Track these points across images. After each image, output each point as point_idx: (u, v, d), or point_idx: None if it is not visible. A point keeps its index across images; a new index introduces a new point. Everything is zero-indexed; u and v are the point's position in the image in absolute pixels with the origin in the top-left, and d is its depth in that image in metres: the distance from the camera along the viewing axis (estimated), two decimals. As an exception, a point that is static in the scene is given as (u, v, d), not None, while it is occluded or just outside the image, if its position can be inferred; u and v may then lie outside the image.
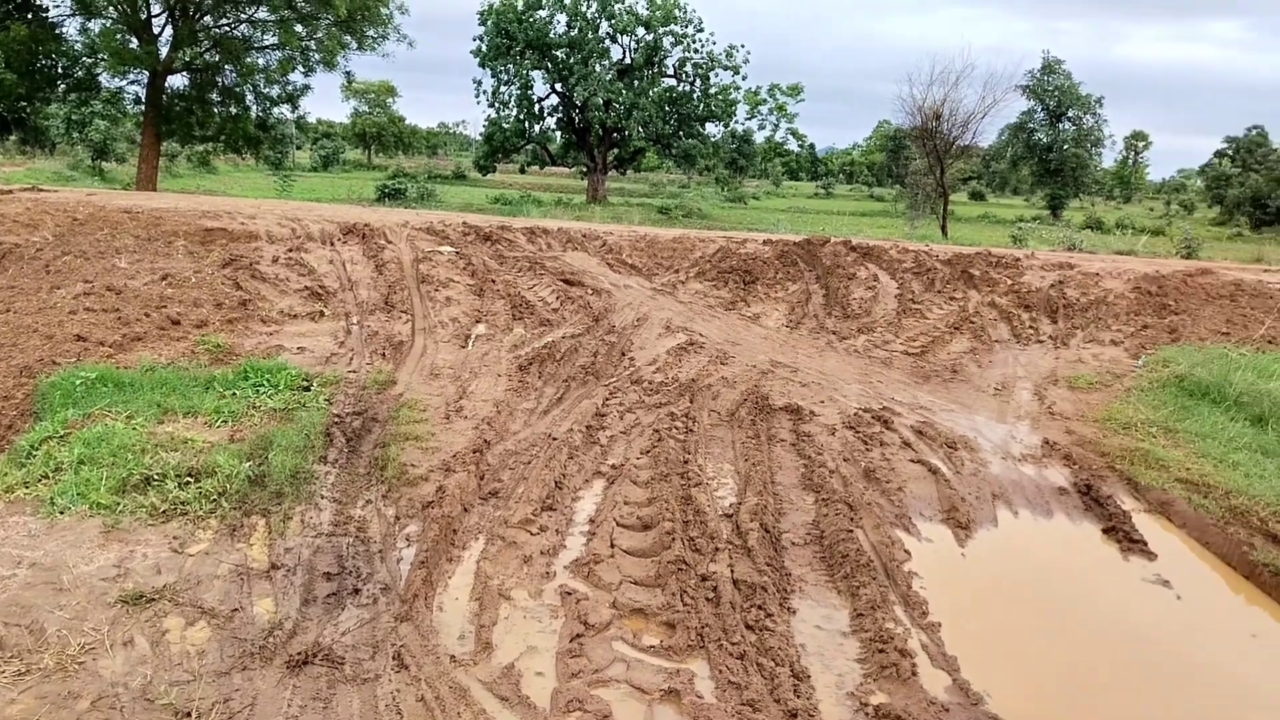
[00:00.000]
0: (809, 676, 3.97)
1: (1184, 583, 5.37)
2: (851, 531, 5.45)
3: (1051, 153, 51.44)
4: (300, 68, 30.32)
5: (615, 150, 46.21)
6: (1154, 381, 9.37)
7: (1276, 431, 8.01)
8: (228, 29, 30.05)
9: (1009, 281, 13.82)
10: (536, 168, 56.35)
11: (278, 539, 4.89)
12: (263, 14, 29.46)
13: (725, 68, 44.54)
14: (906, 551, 5.39)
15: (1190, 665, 4.55)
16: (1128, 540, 5.79)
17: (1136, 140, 78.71)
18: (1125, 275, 14.44)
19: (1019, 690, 4.09)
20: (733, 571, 4.84)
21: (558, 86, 44.41)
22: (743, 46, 44.35)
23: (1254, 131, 62.89)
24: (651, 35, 43.08)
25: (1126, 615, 5.02)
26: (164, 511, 5.05)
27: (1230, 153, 64.13)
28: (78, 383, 6.92)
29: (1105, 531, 5.95)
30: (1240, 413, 8.42)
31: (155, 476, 5.41)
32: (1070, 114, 52.25)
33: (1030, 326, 11.89)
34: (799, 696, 3.77)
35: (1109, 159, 64.76)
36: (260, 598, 4.30)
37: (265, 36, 30.22)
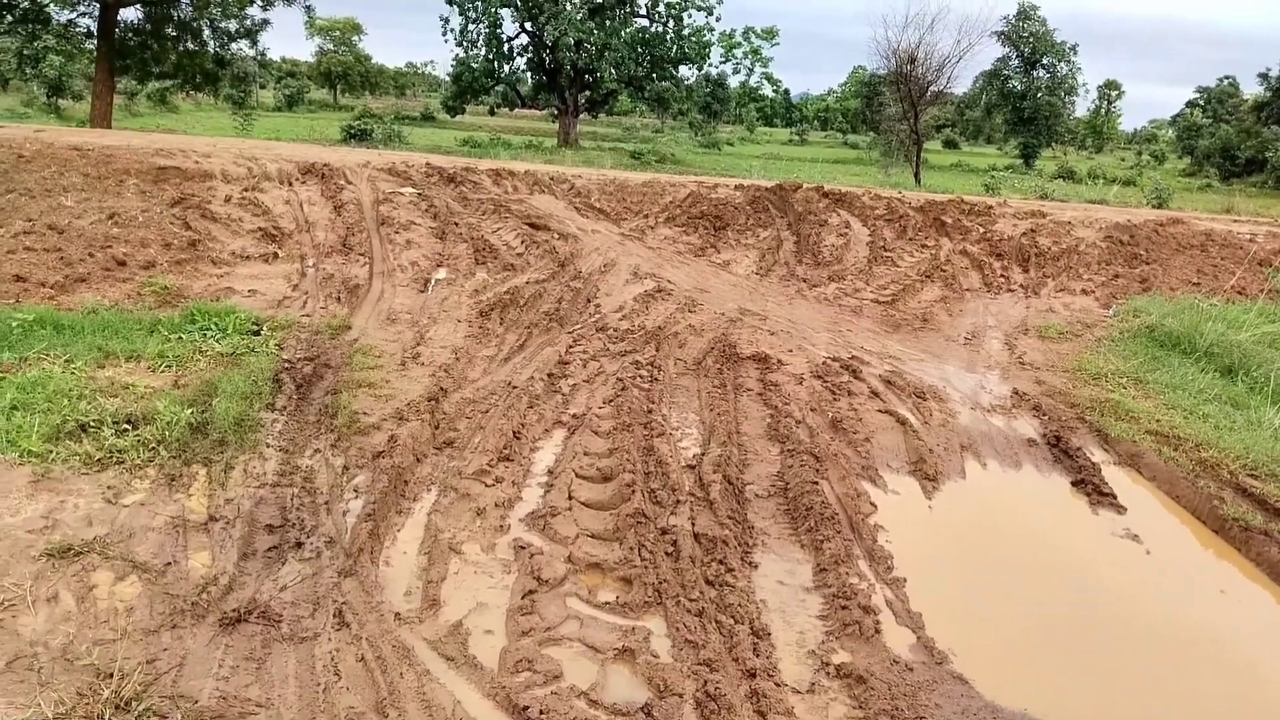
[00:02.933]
0: (769, 634, 3.84)
1: (1153, 537, 5.30)
2: (817, 483, 5.32)
3: (1025, 100, 51.08)
4: (258, 1, 29.26)
5: (587, 92, 45.29)
6: (1124, 331, 9.30)
7: (1246, 383, 7.97)
8: (182, -40, 28.88)
9: (981, 229, 13.66)
10: (506, 110, 55.12)
11: (218, 489, 4.66)
12: (219, -56, 28.32)
13: (699, 8, 43.58)
14: (872, 504, 5.27)
15: (1158, 622, 4.48)
16: (1097, 493, 5.70)
17: (1109, 89, 78.39)
18: (1097, 224, 14.33)
19: (984, 648, 3.99)
20: (694, 525, 4.69)
21: (527, 25, 43.26)
22: (717, -14, 43.39)
23: (1225, 81, 62.89)
24: (624, -27, 42.01)
25: (1095, 570, 4.93)
26: (99, 460, 4.79)
27: (1201, 103, 64.14)
28: (14, 325, 6.59)
29: (1074, 484, 5.87)
30: (1210, 364, 8.38)
31: (91, 423, 5.14)
32: (1045, 61, 51.82)
33: (1002, 275, 11.77)
34: (758, 655, 3.64)
35: (1082, 108, 64.48)
36: (196, 551, 4.09)
37: (221, -33, 29.07)
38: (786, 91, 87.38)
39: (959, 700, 3.55)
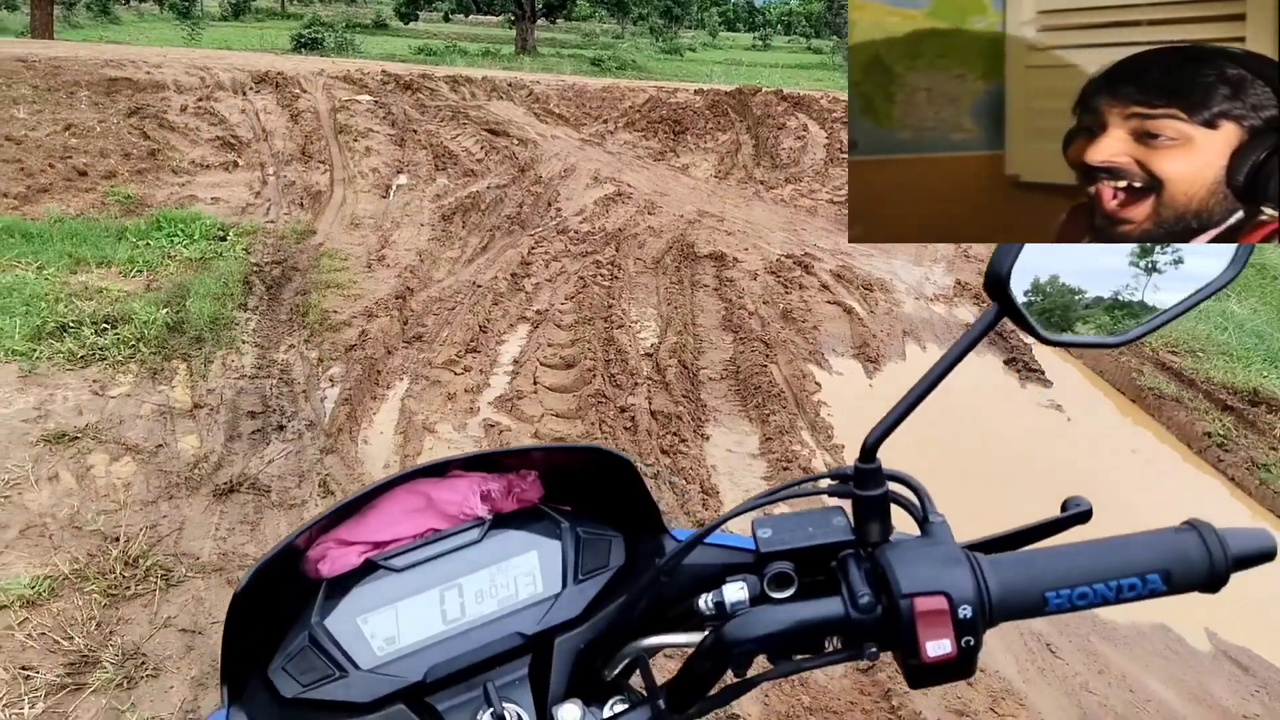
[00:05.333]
0: (718, 492, 4.22)
1: (1075, 406, 5.75)
2: (766, 367, 5.68)
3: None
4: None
5: (545, -3, 44.23)
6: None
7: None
8: None
9: (936, 131, 13.89)
10: (462, 16, 53.80)
11: (200, 381, 4.92)
12: None
13: (658, -92, 42.43)
14: (817, 383, 5.65)
15: (1073, 475, 4.94)
16: (1026, 370, 6.13)
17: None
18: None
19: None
20: (650, 403, 5.04)
21: (482, -73, 41.96)
22: (677, -116, 42.18)
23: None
24: None
25: (1019, 436, 5.38)
26: (82, 357, 5.02)
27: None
28: (-18, 234, 6.70)
29: (1006, 363, 6.28)
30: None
31: (71, 324, 5.34)
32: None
33: (953, 175, 12.05)
34: (707, 510, 4.02)
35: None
36: (185, 434, 4.38)
37: None
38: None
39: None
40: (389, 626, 0.79)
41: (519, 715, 0.77)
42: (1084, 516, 0.77)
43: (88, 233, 6.99)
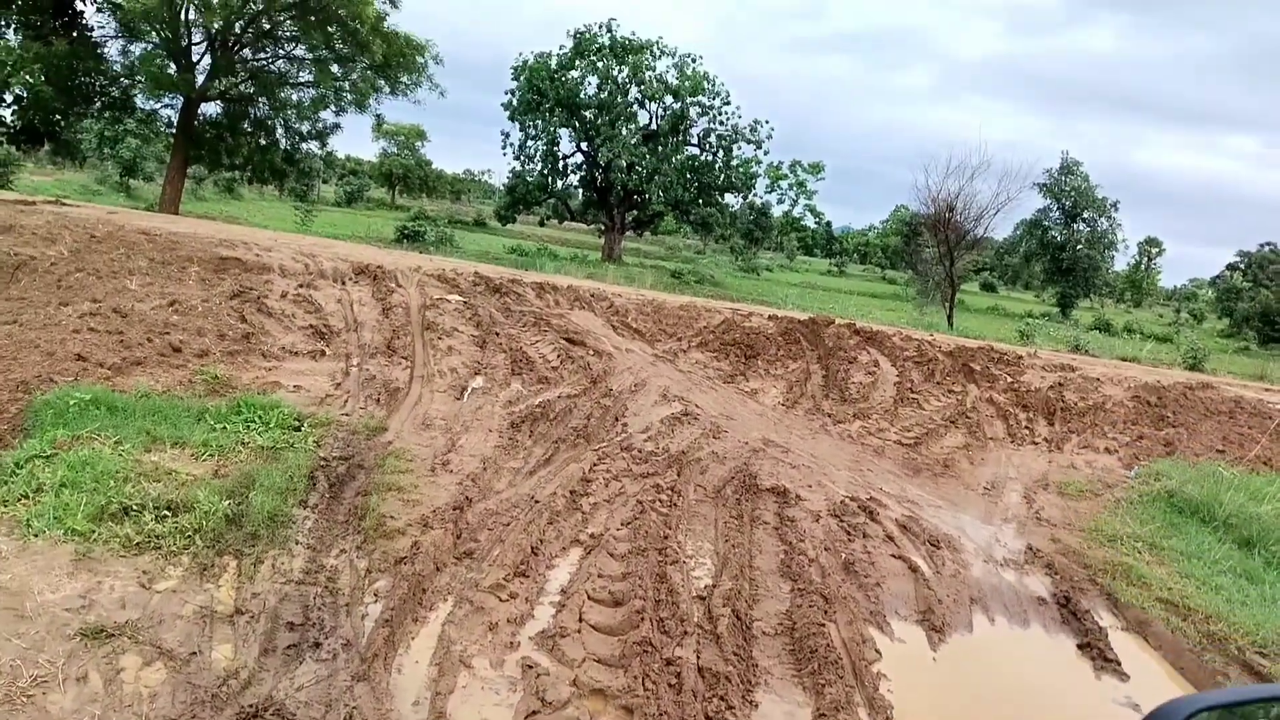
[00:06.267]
0: (762, 776, 3.91)
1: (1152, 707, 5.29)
2: (824, 625, 5.41)
3: (1064, 251, 51.87)
4: (332, 106, 30.95)
5: (634, 212, 46.79)
6: (1144, 494, 9.34)
7: (1263, 557, 7.96)
8: (265, 63, 30.77)
9: (1009, 379, 13.85)
10: (556, 221, 56.97)
11: (246, 583, 4.87)
12: (300, 52, 30.19)
13: (748, 141, 45.32)
14: (877, 651, 5.34)
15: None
16: (1102, 659, 5.72)
17: (1150, 246, 79.42)
18: (1126, 383, 14.47)
19: (975, 808, 4.02)
20: (699, 658, 4.80)
21: (583, 145, 45.17)
22: (766, 122, 45.38)
23: (1266, 247, 63.44)
24: (679, 104, 43.92)
25: (1093, 737, 4.94)
26: (138, 544, 5.04)
27: (1242, 266, 64.60)
28: (71, 403, 6.96)
29: (1080, 647, 5.89)
30: (1228, 534, 8.38)
31: (134, 507, 5.41)
32: (1085, 215, 52.81)
33: (1026, 427, 11.89)
34: (750, 796, 3.71)
35: (1121, 262, 65.29)
36: (220, 643, 4.28)
37: (301, 73, 30.93)
38: (828, 224, 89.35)
39: None
40: None
41: None
42: None
43: (170, 410, 7.22)
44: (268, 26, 29.46)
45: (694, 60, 44.14)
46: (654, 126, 44.72)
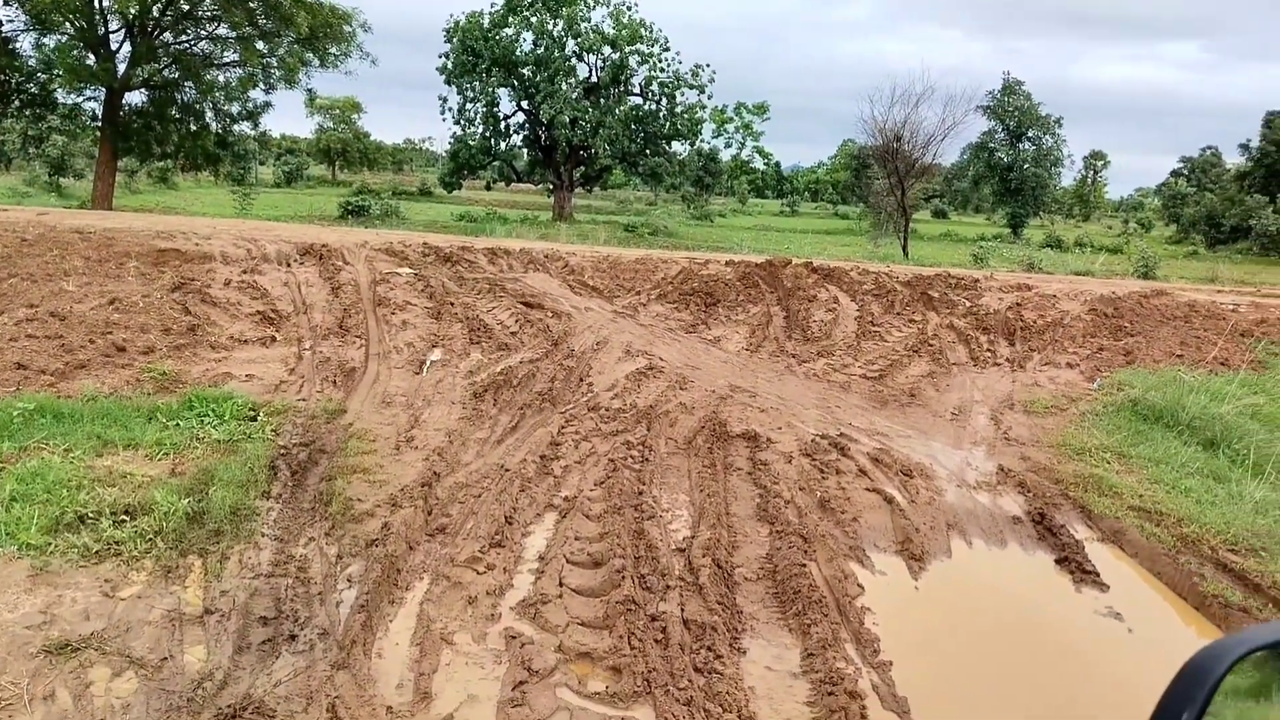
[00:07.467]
0: (756, 722, 3.89)
1: (1135, 615, 5.37)
2: (805, 565, 5.39)
3: (1012, 172, 52.18)
4: (261, 84, 30.11)
5: (582, 168, 46.27)
6: (1109, 405, 9.45)
7: (1228, 456, 8.09)
8: (187, 46, 29.77)
9: (967, 303, 13.92)
10: (503, 185, 56.24)
11: (213, 581, 4.73)
12: (223, 31, 29.23)
13: (691, 87, 44.81)
14: (860, 585, 5.34)
15: (1141, 701, 4.53)
16: (1080, 571, 5.78)
17: (1095, 160, 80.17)
18: (1082, 297, 14.61)
19: (969, 732, 4.04)
20: (683, 611, 4.76)
21: (524, 104, 44.43)
22: (708, 66, 44.70)
23: (1208, 151, 64.32)
24: (618, 54, 43.25)
25: (1078, 650, 4.99)
26: (97, 552, 4.87)
27: (1185, 172, 65.48)
28: (15, 414, 6.71)
29: (1058, 562, 5.94)
30: (1193, 437, 8.50)
31: (90, 515, 5.22)
32: (1030, 134, 53.09)
33: (988, 349, 11.97)
34: (745, 745, 3.69)
35: (1068, 178, 65.95)
36: (192, 645, 4.15)
37: (226, 53, 29.99)
38: (778, 164, 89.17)
39: (943, 788, 3.59)
40: None
41: None
42: None
43: (119, 412, 6.99)
44: (187, 7, 28.43)
45: (629, 8, 43.41)
46: (594, 79, 44.07)
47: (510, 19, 42.88)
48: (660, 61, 44.09)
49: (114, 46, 28.14)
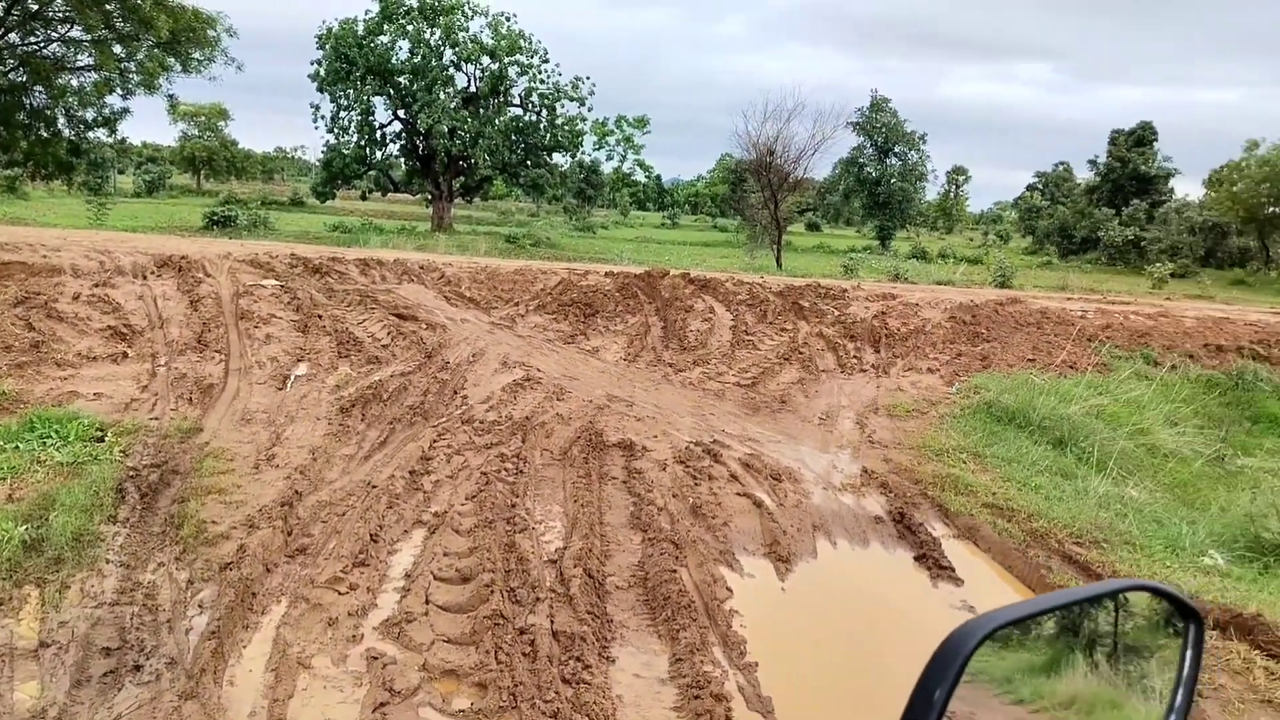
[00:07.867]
0: (622, 730, 3.90)
1: (988, 607, 5.60)
2: (675, 572, 5.45)
3: (880, 186, 54.16)
4: (119, 90, 28.50)
5: (461, 178, 45.64)
6: (966, 408, 9.90)
7: (1075, 453, 8.60)
8: (37, 48, 27.97)
9: (836, 312, 14.37)
10: (379, 194, 54.92)
11: (51, 612, 4.44)
12: (77, 33, 27.59)
13: (571, 99, 44.79)
14: (728, 589, 5.42)
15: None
16: (937, 567, 6.03)
17: (957, 174, 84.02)
18: (943, 305, 15.29)
19: (829, 728, 4.15)
20: (552, 622, 4.73)
21: (400, 113, 43.55)
22: (588, 78, 44.79)
23: (1060, 167, 68.24)
24: (497, 65, 42.88)
25: (934, 643, 5.18)
26: (-82, 588, 4.51)
27: (1040, 186, 69.31)
28: None
29: (917, 559, 6.18)
30: (1043, 436, 9.00)
31: (-89, 547, 4.84)
32: (897, 149, 55.25)
33: (855, 356, 12.38)
34: (610, 753, 3.69)
35: (932, 192, 69.04)
36: (24, 681, 3.88)
37: (80, 57, 28.29)
38: (659, 177, 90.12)
39: (803, 784, 3.68)
40: None
41: None
42: None
43: (-51, 436, 6.50)
44: (35, 7, 26.73)
45: (508, 19, 43.13)
46: (473, 89, 43.55)
47: (386, 26, 41.99)
48: (540, 73, 43.94)
49: (-48, 46, 26.26)
